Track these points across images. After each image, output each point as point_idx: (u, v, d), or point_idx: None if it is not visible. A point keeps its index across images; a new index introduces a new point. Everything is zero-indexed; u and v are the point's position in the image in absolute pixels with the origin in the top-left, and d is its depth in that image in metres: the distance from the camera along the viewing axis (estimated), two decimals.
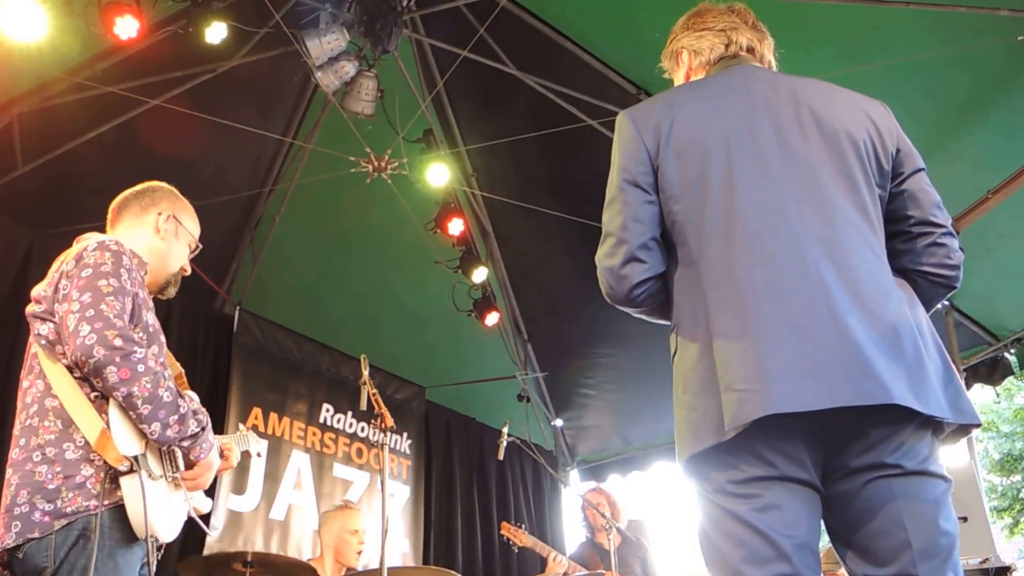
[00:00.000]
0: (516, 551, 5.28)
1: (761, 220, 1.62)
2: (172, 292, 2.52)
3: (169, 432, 2.07)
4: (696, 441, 1.56)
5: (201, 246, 2.58)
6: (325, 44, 4.80)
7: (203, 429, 2.17)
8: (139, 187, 2.51)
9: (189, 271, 2.55)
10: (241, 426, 2.79)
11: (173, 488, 2.16)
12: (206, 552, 5.13)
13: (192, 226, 2.54)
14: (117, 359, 1.97)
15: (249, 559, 3.59)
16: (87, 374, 2.00)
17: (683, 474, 1.63)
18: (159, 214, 2.45)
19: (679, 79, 2.01)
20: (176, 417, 2.08)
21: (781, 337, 1.51)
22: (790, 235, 1.60)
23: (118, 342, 1.98)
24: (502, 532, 5.21)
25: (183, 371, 2.46)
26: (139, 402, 2.00)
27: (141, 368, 2.00)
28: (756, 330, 1.52)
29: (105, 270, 2.10)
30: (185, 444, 2.14)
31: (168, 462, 2.17)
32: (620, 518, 5.38)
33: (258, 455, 2.74)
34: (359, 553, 4.38)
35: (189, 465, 2.24)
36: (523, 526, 5.28)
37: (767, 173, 1.67)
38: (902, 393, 1.45)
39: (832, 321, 1.50)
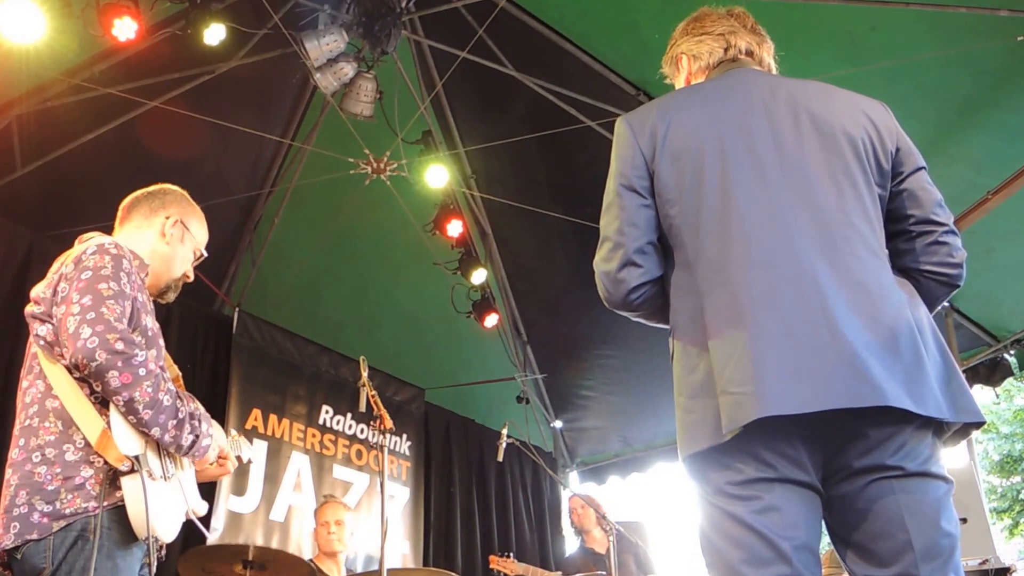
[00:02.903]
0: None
1: (757, 223, 1.62)
2: (171, 297, 2.50)
3: (167, 436, 2.07)
4: (693, 443, 1.57)
5: (206, 254, 2.56)
6: (324, 45, 4.79)
7: (198, 436, 2.17)
8: (151, 188, 2.50)
9: (192, 278, 2.54)
10: (233, 432, 2.78)
11: (172, 488, 2.16)
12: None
13: (199, 232, 2.53)
14: (119, 363, 1.96)
15: (250, 558, 3.60)
16: (87, 377, 2.00)
17: (685, 475, 1.63)
18: (167, 218, 2.44)
19: (679, 84, 2.02)
20: (175, 422, 2.08)
21: (776, 340, 1.51)
22: (786, 238, 1.60)
23: (120, 345, 1.98)
24: (491, 566, 5.20)
25: (180, 374, 2.45)
26: (140, 407, 1.99)
27: (142, 372, 2.00)
28: (751, 333, 1.52)
29: (105, 273, 2.09)
30: (183, 450, 2.14)
31: (168, 461, 2.16)
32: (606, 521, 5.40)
33: (249, 462, 2.73)
34: (328, 541, 4.44)
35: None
36: (510, 555, 5.26)
37: (763, 176, 1.67)
38: (897, 394, 1.45)
39: (826, 324, 1.50)
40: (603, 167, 1.82)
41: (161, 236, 2.42)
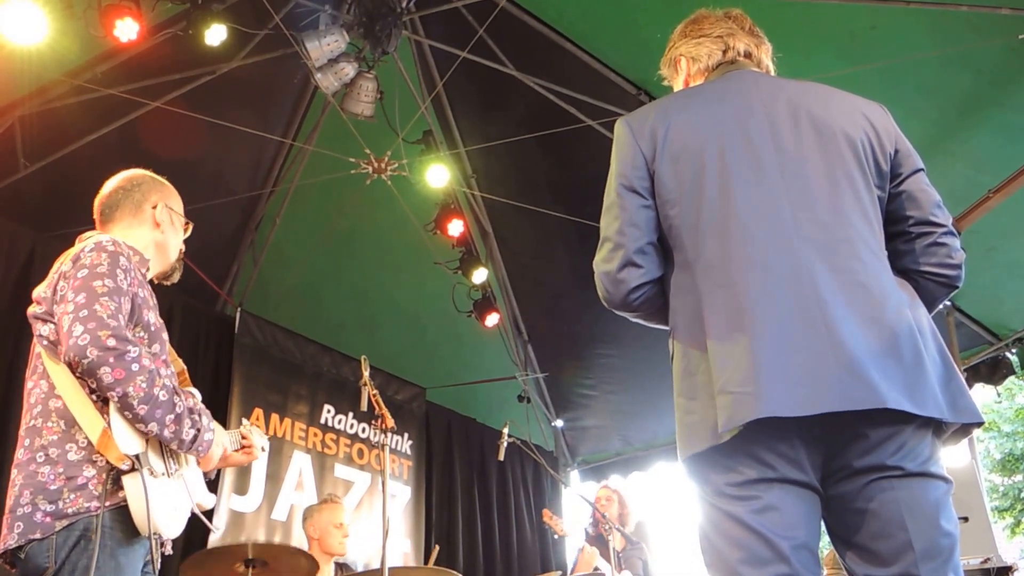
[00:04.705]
0: (555, 539, 5.31)
1: (756, 224, 1.63)
2: (176, 277, 2.54)
3: (166, 431, 2.07)
4: (692, 444, 1.57)
5: (192, 223, 2.58)
6: (325, 46, 4.80)
7: (199, 430, 2.17)
8: (122, 182, 2.47)
9: (184, 248, 2.56)
10: (245, 421, 2.79)
11: (175, 484, 2.16)
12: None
13: (179, 208, 2.55)
14: (111, 359, 1.97)
15: (250, 556, 3.60)
16: (81, 375, 2.01)
17: (684, 476, 1.63)
18: (153, 207, 2.45)
19: (678, 86, 2.02)
20: (172, 416, 2.07)
21: (775, 341, 1.51)
22: (785, 239, 1.60)
23: (111, 342, 1.98)
24: (544, 519, 5.26)
25: (185, 368, 2.46)
26: (135, 402, 1.99)
27: (135, 367, 2.00)
28: (751, 334, 1.52)
29: (101, 271, 2.10)
30: (185, 447, 2.14)
31: (170, 457, 2.17)
32: (628, 519, 5.41)
33: (262, 450, 2.74)
34: (341, 544, 4.45)
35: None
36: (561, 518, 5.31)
37: (763, 177, 1.67)
38: (896, 396, 1.46)
39: (824, 326, 1.51)
40: (603, 166, 1.82)
41: (155, 226, 2.44)
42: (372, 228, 6.56)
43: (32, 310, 2.19)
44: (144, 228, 2.42)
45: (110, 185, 2.48)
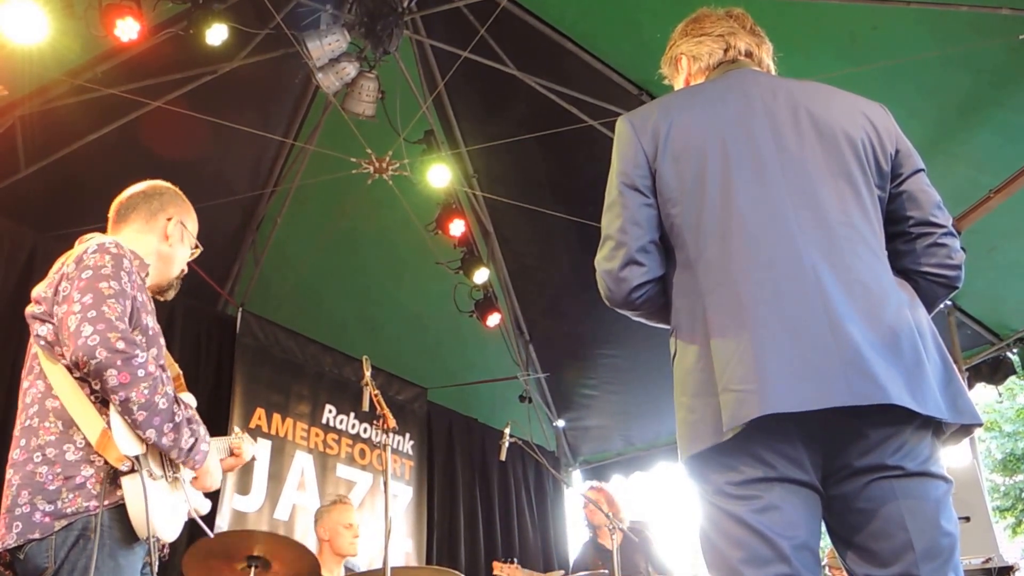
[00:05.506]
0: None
1: (758, 223, 1.63)
2: (171, 295, 2.53)
3: (164, 440, 2.05)
4: (694, 442, 1.57)
5: (201, 248, 2.58)
6: (326, 45, 4.80)
7: (197, 441, 2.16)
8: (145, 188, 2.49)
9: (186, 271, 2.56)
10: (237, 429, 2.79)
11: (173, 488, 2.16)
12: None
13: (194, 228, 2.56)
14: (118, 362, 1.97)
15: (255, 553, 3.59)
16: (87, 375, 2.00)
17: (685, 475, 1.63)
18: (168, 219, 2.45)
19: (679, 85, 2.02)
20: (171, 426, 2.06)
21: (778, 339, 1.51)
22: (788, 237, 1.60)
23: (120, 345, 1.98)
24: (494, 572, 5.19)
25: (181, 373, 2.45)
26: (135, 407, 1.99)
27: (141, 372, 2.00)
28: (753, 332, 1.52)
29: (105, 272, 2.10)
30: (182, 456, 2.13)
31: (168, 462, 2.16)
32: (620, 517, 5.38)
33: (253, 459, 2.74)
34: (352, 544, 4.43)
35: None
36: (514, 560, 5.25)
37: (764, 176, 1.67)
38: (899, 393, 1.46)
39: (829, 323, 1.50)
40: (605, 167, 1.82)
41: (164, 238, 2.44)
42: (373, 228, 6.56)
43: (31, 309, 2.19)
44: (152, 236, 2.42)
45: (132, 189, 2.49)
